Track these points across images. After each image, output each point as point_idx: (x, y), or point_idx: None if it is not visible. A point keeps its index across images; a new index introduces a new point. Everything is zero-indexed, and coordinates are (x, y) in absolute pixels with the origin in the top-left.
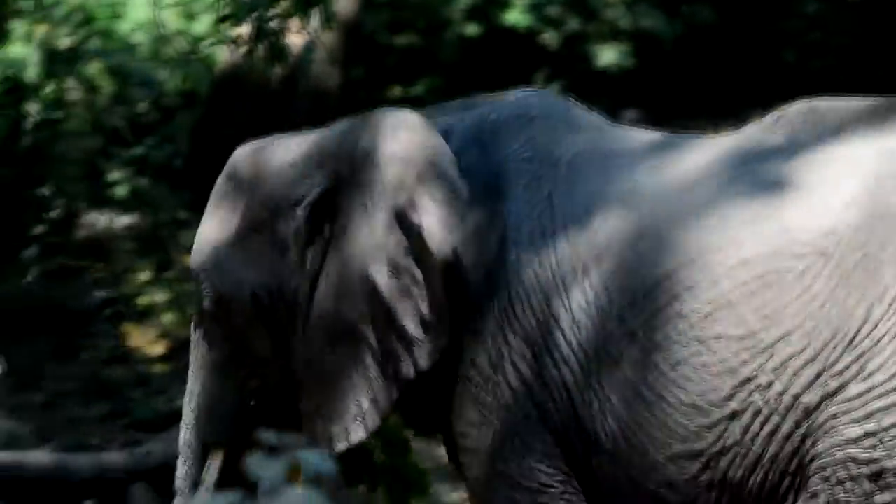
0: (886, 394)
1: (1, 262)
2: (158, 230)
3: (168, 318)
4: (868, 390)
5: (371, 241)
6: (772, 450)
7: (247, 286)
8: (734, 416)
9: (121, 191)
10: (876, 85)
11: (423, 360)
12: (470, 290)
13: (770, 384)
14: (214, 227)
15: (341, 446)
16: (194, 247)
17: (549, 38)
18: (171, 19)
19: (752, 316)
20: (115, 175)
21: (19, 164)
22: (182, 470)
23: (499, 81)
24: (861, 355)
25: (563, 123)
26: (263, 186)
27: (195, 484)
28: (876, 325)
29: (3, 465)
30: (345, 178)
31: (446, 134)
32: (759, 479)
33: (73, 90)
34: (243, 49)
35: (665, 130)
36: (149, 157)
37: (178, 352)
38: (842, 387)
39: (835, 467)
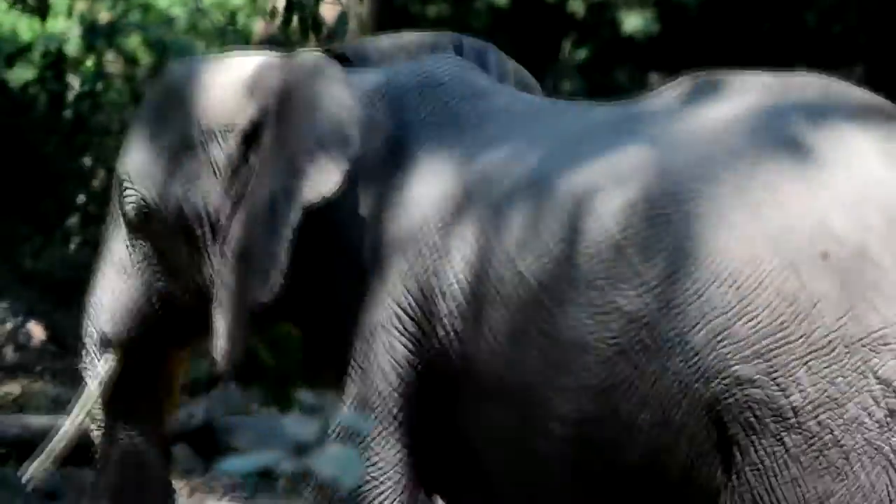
0: (773, 332)
1: (44, 232)
2: None
3: None
4: (755, 330)
5: (273, 179)
6: (660, 386)
7: (173, 199)
8: (623, 352)
9: None
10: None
11: (265, 296)
12: (358, 239)
13: (656, 323)
14: (146, 138)
15: (225, 362)
16: (123, 154)
17: (576, 5)
18: None
19: (637, 257)
20: None
21: (61, 136)
22: (85, 360)
23: (528, 49)
24: (745, 296)
25: (469, 90)
26: (199, 107)
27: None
28: (759, 265)
29: (49, 427)
30: (270, 113)
31: (361, 88)
32: (648, 415)
33: (113, 63)
34: (278, 21)
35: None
36: None
37: None
38: (727, 327)
39: (734, 410)
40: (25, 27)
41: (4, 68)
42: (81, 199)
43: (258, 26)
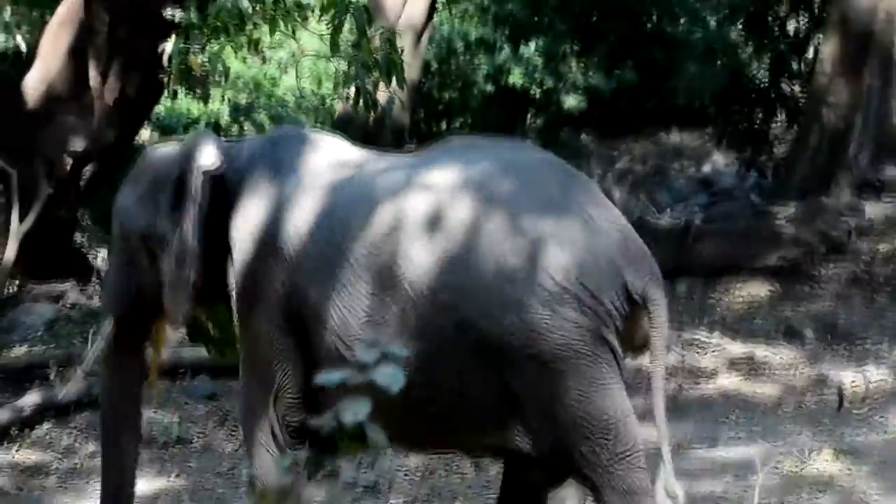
0: (498, 294)
1: None
2: None
3: None
4: (486, 295)
5: (186, 210)
6: (428, 331)
7: (137, 228)
8: (404, 309)
9: None
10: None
11: (194, 279)
12: (242, 244)
13: (420, 288)
14: (127, 191)
15: (178, 324)
16: (116, 200)
17: (535, 91)
18: (308, 85)
19: (409, 247)
20: None
21: None
22: (102, 322)
23: (505, 118)
24: (476, 272)
25: (308, 145)
26: (151, 172)
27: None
28: (479, 250)
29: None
30: (184, 172)
31: (230, 152)
32: (423, 346)
33: (249, 130)
34: (350, 102)
35: (429, 149)
36: None
37: None
38: (469, 291)
39: (484, 345)
40: (194, 108)
41: (182, 133)
42: None
43: (339, 106)
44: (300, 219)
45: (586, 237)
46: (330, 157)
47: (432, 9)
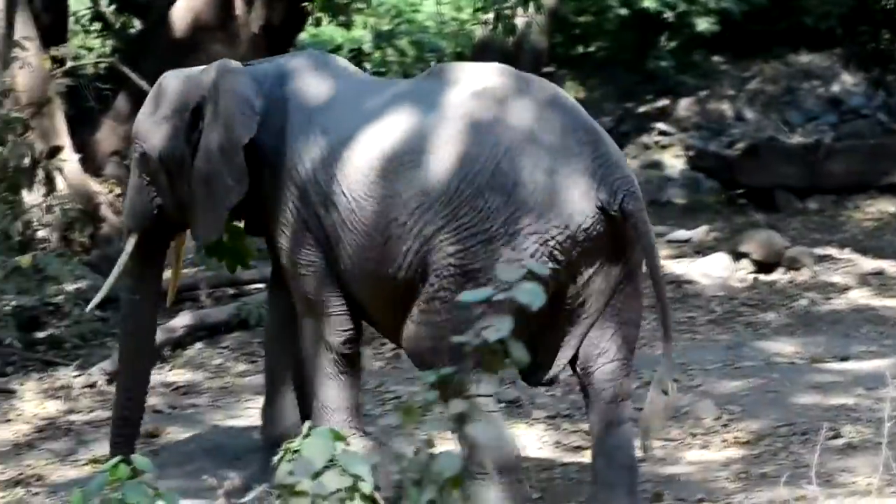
0: (469, 227)
1: None
2: None
3: None
4: (459, 226)
5: (214, 134)
6: (410, 258)
7: (157, 150)
8: (390, 238)
9: None
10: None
11: (234, 196)
12: (269, 162)
13: (406, 222)
14: (146, 114)
15: (207, 239)
16: (135, 121)
17: (668, 15)
18: (447, 11)
19: (401, 185)
20: None
21: None
22: (124, 238)
23: (640, 42)
24: (455, 207)
25: (327, 70)
26: (172, 95)
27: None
28: (458, 189)
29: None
30: (206, 98)
31: (256, 74)
32: (406, 273)
33: (391, 55)
34: (489, 27)
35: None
36: None
37: None
38: (445, 224)
39: (443, 269)
40: (337, 35)
41: None
42: None
43: (478, 31)
44: (319, 145)
45: (558, 159)
46: (343, 83)
47: None
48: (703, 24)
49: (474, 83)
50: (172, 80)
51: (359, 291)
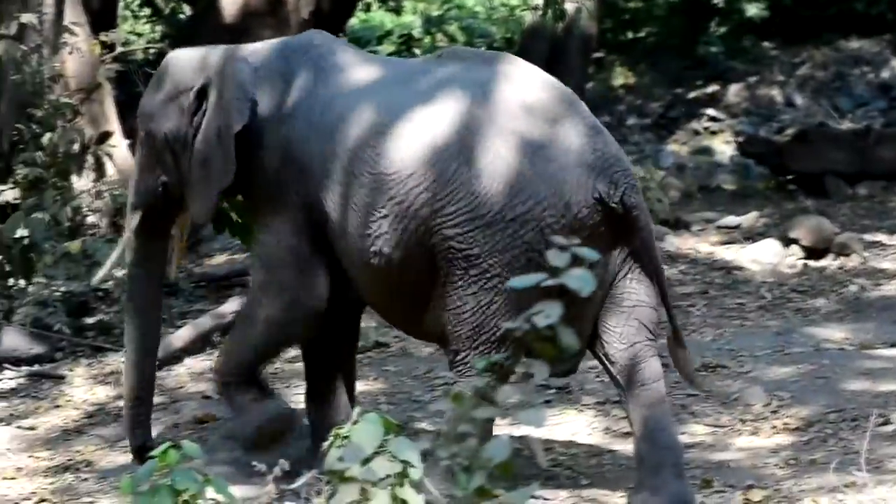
0: (468, 211)
1: None
2: None
3: None
4: (456, 210)
5: (213, 118)
6: (406, 237)
7: (161, 130)
8: (386, 216)
9: None
10: None
11: (225, 181)
12: (268, 143)
13: (403, 201)
14: (152, 94)
15: (200, 218)
16: (141, 101)
17: (718, 0)
18: None
19: (399, 164)
20: None
21: None
22: (127, 216)
23: (689, 28)
24: (452, 189)
25: (329, 51)
26: (176, 76)
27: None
28: (456, 172)
29: None
30: (210, 81)
31: (257, 58)
32: (401, 253)
33: (441, 41)
34: (539, 13)
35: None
36: None
37: None
38: (442, 207)
39: (445, 252)
40: (387, 20)
41: (376, 45)
42: None
43: (528, 16)
44: (310, 124)
45: (557, 149)
46: (344, 64)
47: None
48: (752, 10)
49: (477, 70)
50: (178, 61)
51: (357, 271)
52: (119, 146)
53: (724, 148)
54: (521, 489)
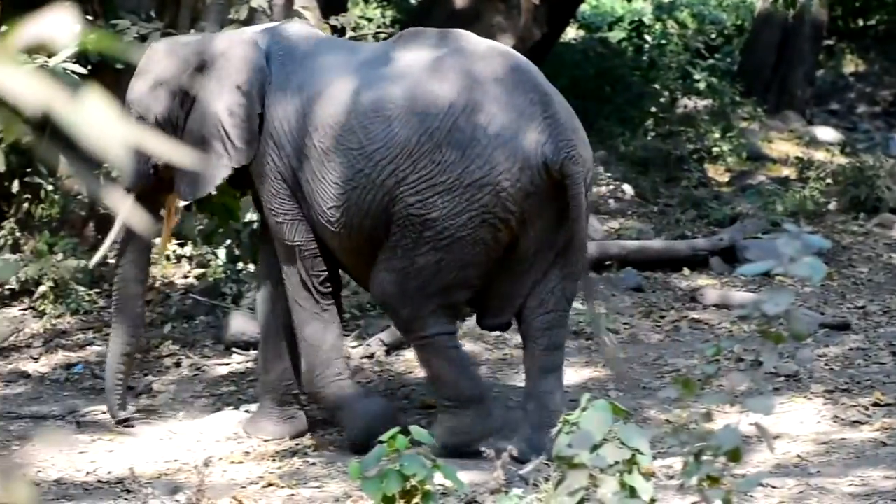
0: (427, 179)
1: (630, 128)
2: (725, 106)
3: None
4: (418, 178)
5: (216, 97)
6: (374, 207)
7: (153, 113)
8: (356, 187)
9: (701, 85)
10: None
11: (239, 158)
12: (265, 125)
13: (370, 173)
14: (140, 78)
15: (193, 196)
16: (128, 89)
17: None
18: None
19: (364, 139)
20: (697, 76)
21: (641, 71)
22: (122, 197)
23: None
24: (416, 160)
25: (305, 37)
26: (169, 61)
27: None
28: (418, 143)
29: (635, 248)
30: (206, 64)
31: (259, 44)
32: (371, 222)
33: (672, 27)
34: (770, 0)
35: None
36: (716, 65)
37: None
38: (406, 176)
39: (403, 218)
40: (618, 6)
41: (607, 30)
42: (652, 109)
43: (759, 3)
44: (294, 103)
45: (511, 117)
46: (318, 47)
47: None
48: None
49: (433, 48)
50: (164, 47)
51: (330, 240)
52: None
53: None
54: (749, 477)
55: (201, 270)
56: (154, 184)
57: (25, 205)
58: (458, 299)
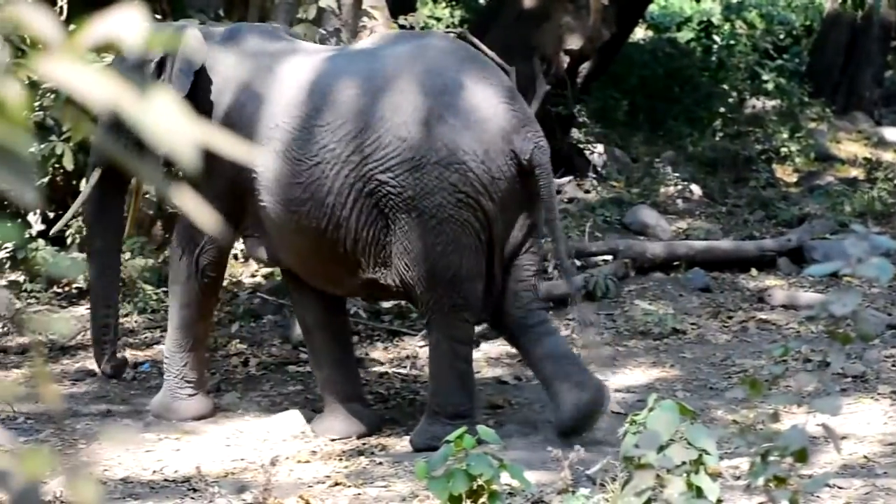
0: (396, 156)
1: (698, 128)
2: (793, 107)
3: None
4: (385, 155)
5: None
6: (338, 183)
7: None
8: (319, 163)
9: (769, 86)
10: None
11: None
12: (213, 110)
13: (334, 148)
14: (115, 65)
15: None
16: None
17: None
18: None
19: (331, 115)
20: (765, 76)
21: (709, 71)
22: (90, 173)
23: None
24: (379, 135)
25: (269, 34)
26: (137, 51)
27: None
28: (382, 118)
29: (703, 249)
30: (167, 55)
31: (207, 35)
32: (332, 199)
33: (741, 27)
34: (839, 1)
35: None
36: (784, 65)
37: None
38: (373, 152)
39: (379, 196)
40: (687, 6)
41: (675, 31)
42: (720, 109)
43: (828, 3)
44: (258, 91)
45: (478, 103)
46: (284, 44)
47: None
48: None
49: (407, 41)
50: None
51: (287, 221)
52: None
53: None
54: (816, 478)
55: (269, 269)
56: (115, 163)
57: None
58: (471, 293)
